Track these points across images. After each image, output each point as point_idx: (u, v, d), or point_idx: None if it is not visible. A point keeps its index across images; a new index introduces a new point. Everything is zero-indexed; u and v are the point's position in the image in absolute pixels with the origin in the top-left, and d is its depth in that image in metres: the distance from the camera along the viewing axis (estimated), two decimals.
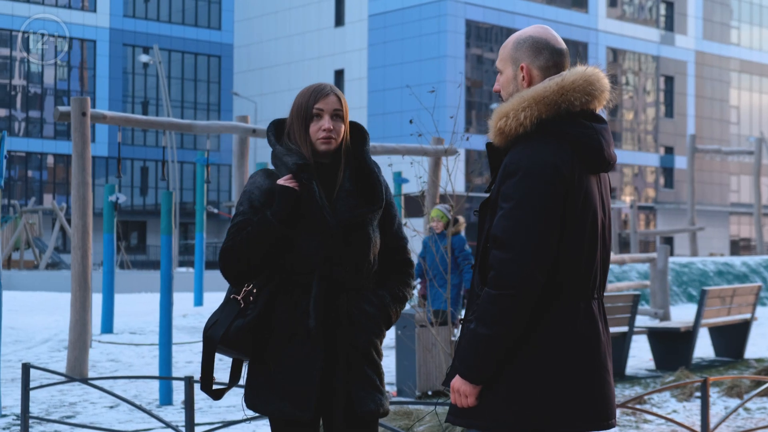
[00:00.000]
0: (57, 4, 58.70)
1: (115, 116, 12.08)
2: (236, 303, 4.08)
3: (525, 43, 3.70)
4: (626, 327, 12.03)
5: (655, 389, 7.44)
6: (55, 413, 9.66)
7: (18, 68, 58.08)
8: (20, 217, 39.96)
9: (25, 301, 23.26)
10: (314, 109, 4.09)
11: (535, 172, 3.49)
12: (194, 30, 63.92)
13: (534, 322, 3.52)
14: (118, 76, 60.29)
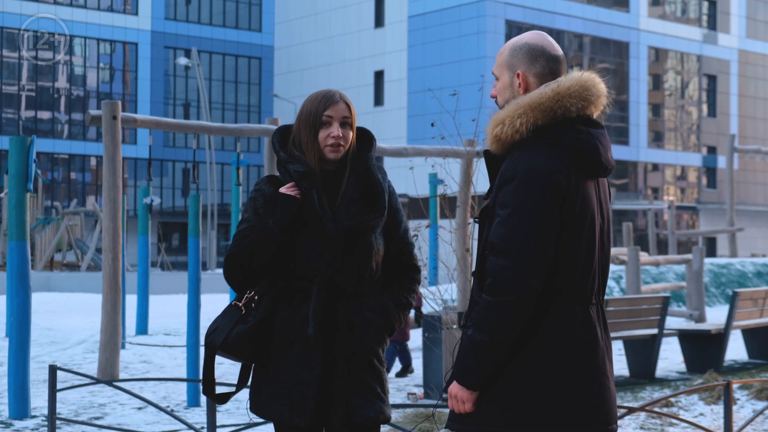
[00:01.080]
0: (99, 7, 59.18)
1: (145, 119, 12.18)
2: (237, 309, 4.12)
3: (521, 51, 3.70)
4: (656, 329, 11.97)
5: (677, 392, 7.41)
6: (84, 414, 9.76)
7: (61, 71, 58.60)
8: (62, 219, 40.31)
9: (64, 303, 23.50)
10: (324, 117, 4.12)
11: (531, 179, 3.49)
12: (235, 32, 64.21)
13: (531, 328, 3.52)
14: (160, 78, 60.69)
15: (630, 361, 12.22)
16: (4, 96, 56.75)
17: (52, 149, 56.44)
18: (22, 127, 56.95)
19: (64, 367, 12.73)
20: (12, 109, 57.10)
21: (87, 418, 9.56)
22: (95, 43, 59.20)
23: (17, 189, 9.74)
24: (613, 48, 62.60)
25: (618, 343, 14.67)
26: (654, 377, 12.08)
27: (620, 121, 63.19)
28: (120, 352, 12.03)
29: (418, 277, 4.32)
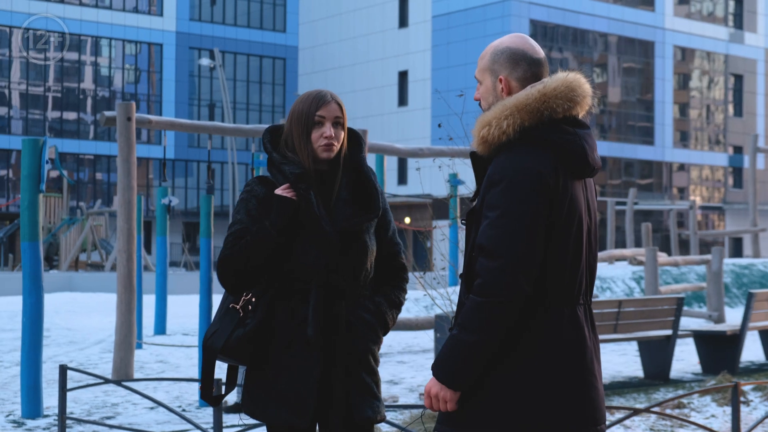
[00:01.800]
0: (124, 8, 59.44)
1: (160, 120, 12.22)
2: (235, 312, 4.11)
3: (502, 55, 3.69)
4: (670, 330, 11.92)
5: (684, 393, 7.38)
6: (96, 414, 9.80)
7: (87, 72, 58.89)
8: (87, 219, 40.52)
9: (85, 303, 23.62)
10: (316, 117, 4.12)
11: (518, 181, 3.48)
12: (259, 33, 64.36)
13: (518, 328, 3.51)
14: (185, 79, 60.91)
15: (644, 362, 12.17)
16: (31, 97, 57.09)
17: (77, 150, 56.75)
18: (48, 127, 57.27)
19: (78, 366, 12.83)
20: (38, 110, 57.43)
21: (99, 417, 9.60)
22: (120, 44, 59.48)
23: (30, 190, 9.79)
24: (638, 47, 62.38)
25: (632, 344, 14.63)
26: (668, 378, 12.02)
27: (646, 121, 62.97)
28: (135, 352, 12.08)
29: (406, 276, 4.36)
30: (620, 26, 61.09)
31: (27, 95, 56.88)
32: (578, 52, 59.96)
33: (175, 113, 58.78)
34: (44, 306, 9.99)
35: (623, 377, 12.33)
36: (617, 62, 61.75)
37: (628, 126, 62.22)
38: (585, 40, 60.29)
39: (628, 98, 62.36)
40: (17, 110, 56.64)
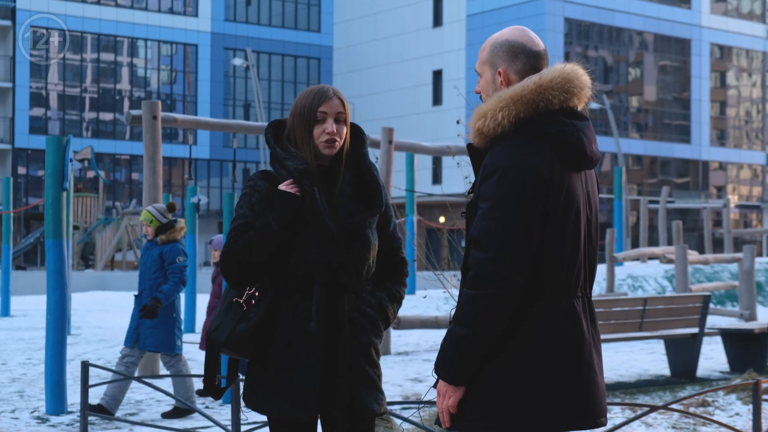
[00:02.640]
0: (160, 9, 59.75)
1: (186, 119, 12.27)
2: (239, 306, 4.12)
3: (501, 48, 3.67)
4: (696, 328, 11.83)
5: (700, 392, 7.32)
6: (119, 411, 9.85)
7: (123, 73, 59.25)
8: (122, 219, 40.76)
9: (117, 301, 23.78)
10: (318, 113, 4.12)
11: (512, 172, 3.46)
12: (294, 33, 64.49)
13: (515, 322, 3.49)
14: (220, 79, 61.14)
15: (671, 361, 12.09)
16: (68, 98, 57.51)
17: (113, 150, 57.11)
18: (85, 128, 57.67)
19: (106, 364, 12.90)
20: (75, 111, 57.85)
21: (122, 414, 9.66)
22: (156, 45, 59.79)
23: (54, 188, 9.86)
24: (674, 45, 61.98)
25: (661, 342, 14.53)
26: (695, 377, 11.94)
27: (682, 119, 62.57)
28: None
29: (406, 270, 4.36)
30: (656, 24, 60.73)
31: (64, 96, 57.31)
32: (614, 50, 59.67)
33: (210, 113, 59.01)
34: (77, 305, 10.10)
35: (650, 375, 12.25)
36: (653, 60, 61.39)
37: (665, 124, 61.84)
38: (620, 38, 59.99)
39: (664, 96, 61.98)
40: (55, 111, 57.08)
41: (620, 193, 25.13)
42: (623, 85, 60.46)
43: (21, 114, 55.27)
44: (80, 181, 49.27)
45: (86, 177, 52.64)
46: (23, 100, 55.43)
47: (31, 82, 55.80)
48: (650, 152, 60.71)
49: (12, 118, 55.23)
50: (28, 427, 9.05)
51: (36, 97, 56.26)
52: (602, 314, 11.11)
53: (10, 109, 55.50)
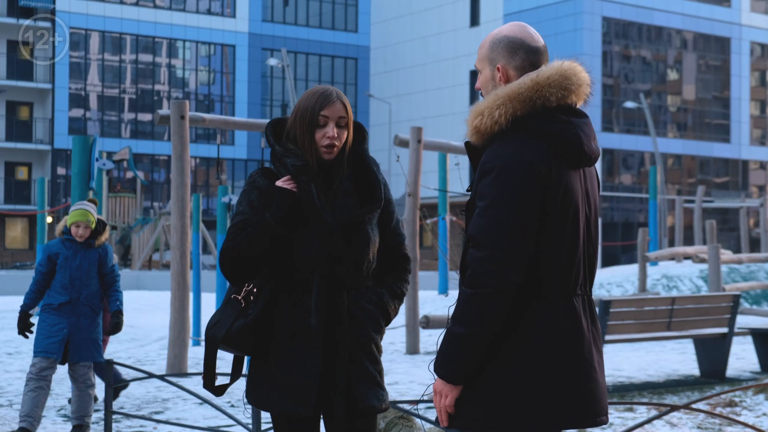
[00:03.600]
0: (198, 10, 60.04)
1: (213, 119, 12.33)
2: (237, 303, 4.15)
3: (500, 44, 3.66)
4: (726, 328, 11.74)
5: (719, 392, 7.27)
6: (146, 408, 9.92)
7: (162, 74, 59.59)
8: (159, 220, 40.99)
9: (151, 301, 23.91)
10: (320, 116, 4.13)
11: (509, 170, 3.45)
12: (331, 33, 64.61)
13: (513, 320, 3.48)
14: (257, 80, 61.35)
15: (700, 361, 12.01)
16: (107, 99, 57.92)
17: (152, 151, 57.45)
18: (123, 128, 58.05)
19: (136, 363, 12.99)
20: (114, 112, 58.25)
21: (148, 412, 9.71)
22: (194, 46, 60.09)
23: (80, 187, 9.95)
24: (714, 44, 61.51)
25: (690, 342, 14.42)
26: (725, 377, 11.84)
27: (722, 119, 62.09)
28: (190, 349, 12.20)
29: (409, 267, 4.37)
30: (696, 22, 60.30)
31: (103, 97, 57.72)
32: (653, 49, 59.32)
33: (248, 114, 59.21)
34: None
35: (678, 375, 12.18)
36: (693, 59, 60.96)
37: (705, 124, 61.39)
38: (659, 37, 59.63)
39: (704, 95, 61.52)
40: (94, 112, 57.51)
41: (655, 192, 24.97)
42: (662, 84, 60.08)
43: (60, 115, 55.73)
44: (118, 181, 49.63)
45: (124, 177, 52.99)
46: (62, 101, 55.89)
47: (70, 83, 56.25)
48: (689, 151, 60.29)
49: (51, 119, 55.71)
50: (54, 425, 9.12)
51: (75, 98, 56.71)
52: (630, 314, 11.05)
53: (50, 110, 55.99)
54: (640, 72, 58.95)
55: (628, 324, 11.02)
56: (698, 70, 61.34)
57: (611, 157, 57.04)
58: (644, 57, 59.14)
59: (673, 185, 58.59)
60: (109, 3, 57.45)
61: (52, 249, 8.40)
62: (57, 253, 8.39)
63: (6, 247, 54.89)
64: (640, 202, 55.72)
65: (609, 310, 10.75)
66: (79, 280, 8.40)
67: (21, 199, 54.77)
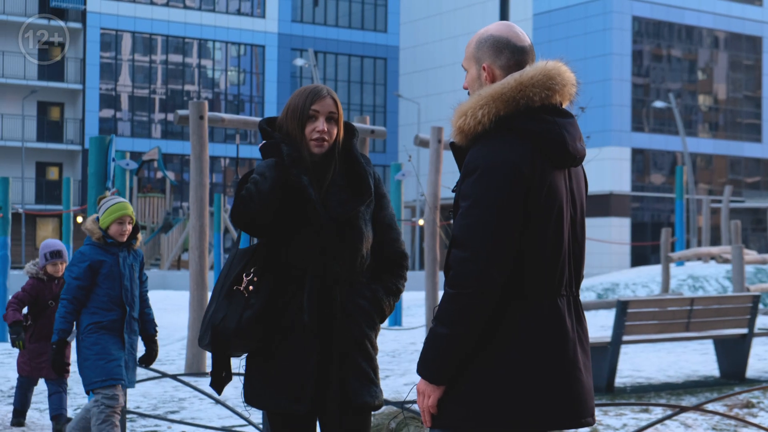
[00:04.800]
0: (228, 10, 60.24)
1: (233, 119, 12.38)
2: (240, 294, 4.13)
3: (486, 43, 3.66)
4: (746, 328, 11.67)
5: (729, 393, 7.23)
6: (161, 408, 9.94)
7: (192, 74, 59.81)
8: (188, 219, 41.15)
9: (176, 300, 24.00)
10: (310, 111, 4.17)
11: (492, 170, 3.45)
12: (361, 33, 64.65)
13: (496, 321, 3.48)
14: (287, 80, 61.47)
15: (720, 361, 11.94)
16: (137, 99, 58.21)
17: (182, 151, 57.63)
18: (153, 129, 58.32)
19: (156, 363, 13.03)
20: (144, 112, 58.53)
21: (163, 412, 9.74)
22: (224, 46, 60.28)
23: (96, 187, 9.99)
24: (745, 43, 61.11)
25: (706, 342, 14.34)
26: (744, 378, 11.77)
27: (754, 118, 61.66)
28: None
29: (405, 263, 4.38)
30: (727, 21, 59.92)
31: (133, 97, 58.01)
32: (684, 48, 58.98)
33: (277, 113, 59.25)
34: None
35: (698, 376, 12.11)
36: (724, 58, 60.58)
37: (736, 123, 60.99)
38: (690, 37, 59.29)
39: (735, 95, 61.12)
40: (125, 112, 57.82)
41: (681, 192, 24.85)
42: (693, 83, 59.74)
43: (91, 115, 56.05)
44: (148, 182, 49.88)
45: (154, 178, 53.23)
46: (93, 101, 56.21)
47: (101, 83, 56.57)
48: (720, 151, 59.91)
49: (82, 120, 56.04)
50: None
51: (106, 98, 57.02)
52: (647, 314, 11.00)
53: (80, 110, 56.33)
54: (670, 71, 58.64)
55: (646, 324, 10.97)
56: (730, 69, 60.93)
57: (642, 157, 56.76)
58: (675, 56, 58.81)
59: (705, 185, 58.25)
60: (140, 4, 57.74)
61: (92, 256, 7.04)
62: (101, 261, 7.03)
63: (37, 247, 55.26)
64: (670, 202, 55.39)
65: (626, 310, 10.71)
66: (129, 291, 7.11)
67: (52, 199, 55.12)
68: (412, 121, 63.76)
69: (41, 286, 8.49)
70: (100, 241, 7.10)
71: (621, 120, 55.32)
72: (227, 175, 59.07)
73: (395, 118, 64.64)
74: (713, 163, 60.13)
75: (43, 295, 8.47)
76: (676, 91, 57.26)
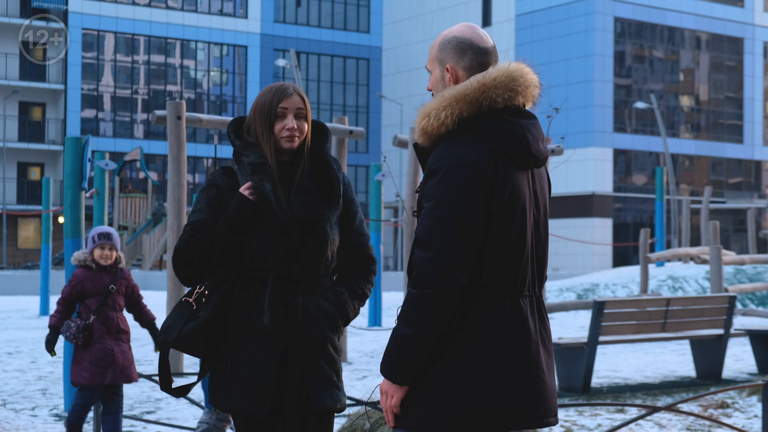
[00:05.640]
0: (210, 11, 60.16)
1: (211, 119, 12.36)
2: (188, 305, 4.14)
3: (449, 44, 3.67)
4: (722, 329, 11.71)
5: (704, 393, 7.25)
6: (138, 408, 9.93)
7: (174, 74, 59.70)
8: None
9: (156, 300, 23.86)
10: (278, 109, 4.15)
11: (454, 171, 3.46)
12: (343, 34, 64.66)
13: (458, 321, 3.48)
14: (269, 80, 61.42)
15: (696, 362, 11.98)
16: (119, 99, 58.08)
17: (164, 151, 57.51)
18: (136, 129, 58.19)
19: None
20: (126, 112, 58.41)
21: (139, 412, 9.72)
22: (207, 47, 60.20)
23: (72, 187, 9.96)
24: (727, 44, 61.33)
25: (684, 343, 14.40)
26: (720, 378, 11.82)
27: (735, 119, 61.89)
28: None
29: (373, 267, 4.36)
30: (708, 23, 60.13)
31: (115, 98, 57.89)
32: (665, 49, 59.16)
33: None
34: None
35: (675, 377, 12.15)
36: (706, 59, 60.79)
37: (717, 124, 61.22)
38: (672, 37, 59.47)
39: (716, 96, 61.35)
40: (107, 113, 57.68)
41: (661, 193, 24.92)
42: (675, 84, 59.93)
43: (73, 116, 55.90)
44: (130, 181, 49.76)
45: (136, 178, 53.12)
46: (75, 102, 56.07)
47: (83, 84, 56.43)
48: (702, 152, 60.12)
49: (64, 120, 55.89)
50: (45, 424, 9.14)
51: (88, 98, 56.88)
52: (624, 315, 11.04)
53: (62, 110, 56.17)
54: (652, 72, 58.82)
55: (623, 325, 11.00)
56: (711, 70, 61.14)
57: (624, 158, 56.91)
58: (657, 57, 58.99)
59: (687, 186, 58.43)
60: (122, 4, 57.61)
61: None
62: None
63: (18, 247, 55.10)
64: (652, 202, 55.53)
65: (603, 311, 10.74)
66: None
67: (33, 199, 54.95)
68: (394, 121, 63.78)
69: (89, 275, 7.55)
70: None
71: (603, 121, 55.45)
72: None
73: (378, 119, 64.65)
74: (695, 164, 60.32)
75: (98, 284, 7.52)
76: (658, 92, 57.42)
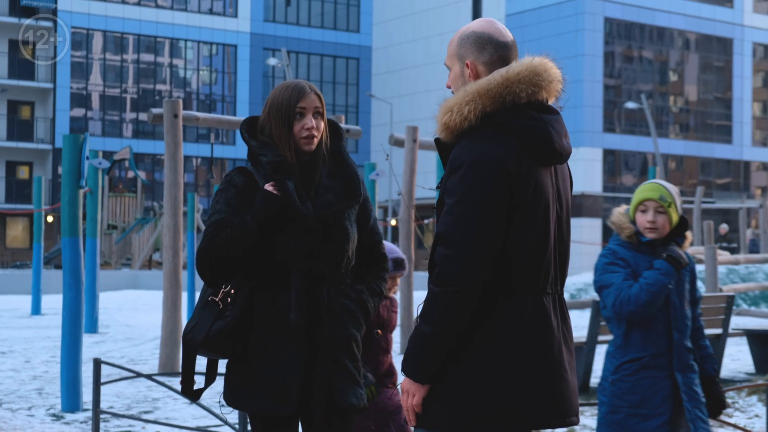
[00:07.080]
0: (200, 10, 60.02)
1: (207, 117, 12.30)
2: (215, 305, 4.09)
3: (468, 39, 3.63)
4: (720, 329, 11.69)
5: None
6: (135, 408, 9.89)
7: (164, 73, 59.57)
8: (159, 219, 40.92)
9: (148, 300, 23.87)
10: (297, 108, 4.10)
11: (477, 167, 3.41)
12: (333, 33, 64.58)
13: (480, 319, 3.44)
14: (259, 79, 61.32)
15: None
16: (108, 98, 57.91)
17: (153, 150, 57.41)
18: (125, 128, 58.04)
19: (129, 362, 12.95)
20: (115, 111, 58.24)
21: (137, 411, 9.68)
22: (196, 46, 60.08)
23: (70, 186, 9.91)
24: (716, 45, 61.42)
25: None
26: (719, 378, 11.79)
27: (724, 120, 61.98)
28: (180, 348, 12.16)
29: (386, 266, 4.35)
30: (698, 23, 60.19)
31: (104, 96, 57.71)
32: (655, 50, 59.23)
33: (249, 113, 58.99)
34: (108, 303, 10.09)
35: None
36: (695, 60, 60.87)
37: (707, 124, 61.30)
38: (661, 38, 59.54)
39: (706, 96, 61.43)
40: (96, 112, 57.50)
41: None
42: (664, 85, 60.01)
43: (62, 115, 55.71)
44: (119, 181, 49.61)
45: (126, 177, 52.97)
46: (64, 100, 55.87)
47: (71, 82, 56.23)
48: (691, 152, 60.20)
49: (53, 119, 55.69)
50: (43, 424, 9.08)
51: (77, 97, 56.69)
52: None
53: (51, 109, 55.97)
54: (642, 73, 58.87)
55: None
56: (700, 70, 61.23)
57: (614, 158, 56.96)
58: (646, 58, 59.05)
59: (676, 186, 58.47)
60: (111, 3, 57.44)
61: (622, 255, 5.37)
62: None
63: (6, 246, 54.90)
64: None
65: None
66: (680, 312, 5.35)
67: (22, 198, 54.74)
68: (384, 121, 63.72)
69: None
70: (632, 240, 5.39)
71: (593, 121, 55.47)
72: (199, 175, 58.82)
73: (368, 119, 64.59)
74: (684, 164, 60.41)
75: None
76: (647, 92, 57.47)
